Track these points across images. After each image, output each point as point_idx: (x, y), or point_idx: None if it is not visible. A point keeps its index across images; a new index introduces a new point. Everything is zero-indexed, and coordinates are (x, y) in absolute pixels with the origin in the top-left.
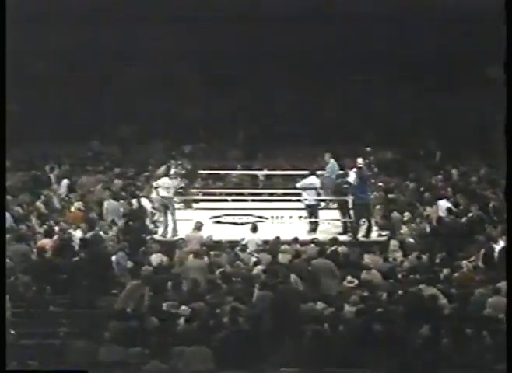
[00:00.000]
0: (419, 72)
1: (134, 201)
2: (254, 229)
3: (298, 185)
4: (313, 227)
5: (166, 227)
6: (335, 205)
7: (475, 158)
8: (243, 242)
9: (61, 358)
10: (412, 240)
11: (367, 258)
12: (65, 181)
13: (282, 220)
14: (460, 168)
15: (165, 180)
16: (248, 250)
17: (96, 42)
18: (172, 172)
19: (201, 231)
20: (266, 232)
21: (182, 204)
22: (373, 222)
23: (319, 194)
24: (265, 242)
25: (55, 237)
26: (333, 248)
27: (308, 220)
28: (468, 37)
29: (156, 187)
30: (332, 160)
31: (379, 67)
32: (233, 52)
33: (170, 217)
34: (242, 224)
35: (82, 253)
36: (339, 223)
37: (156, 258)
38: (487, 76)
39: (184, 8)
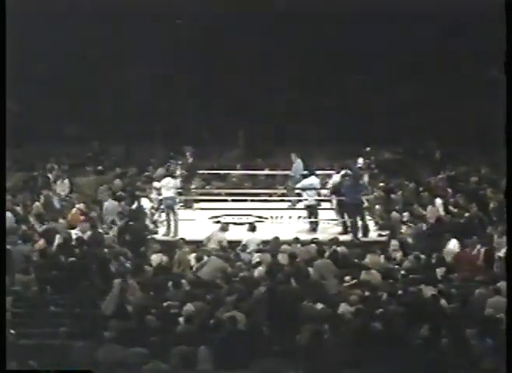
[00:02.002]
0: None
1: (138, 201)
2: (253, 229)
3: (298, 185)
4: (313, 227)
5: (168, 227)
6: (330, 205)
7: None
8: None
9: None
10: (410, 240)
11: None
12: (66, 181)
13: (282, 220)
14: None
15: (169, 180)
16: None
17: (97, 41)
18: (175, 172)
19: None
20: (266, 232)
21: (182, 204)
22: (371, 222)
23: (319, 194)
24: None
25: (56, 237)
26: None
27: (307, 220)
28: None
29: (159, 188)
30: (298, 160)
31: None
32: (232, 51)
33: (171, 216)
34: (241, 224)
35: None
36: (334, 223)
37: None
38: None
39: (185, 6)
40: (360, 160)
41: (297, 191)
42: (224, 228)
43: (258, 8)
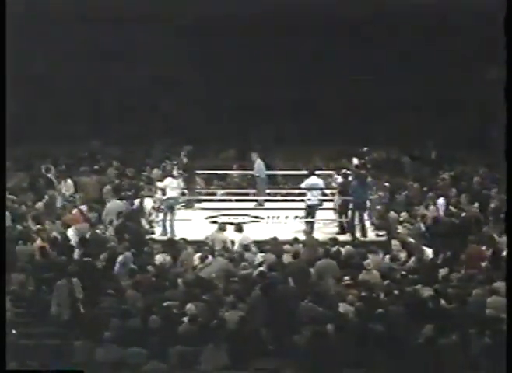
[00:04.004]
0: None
1: (138, 201)
2: (239, 230)
3: (302, 185)
4: (311, 227)
5: (164, 227)
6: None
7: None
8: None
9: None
10: (411, 240)
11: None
12: (67, 181)
13: (278, 220)
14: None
15: (172, 180)
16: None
17: (96, 41)
18: (175, 172)
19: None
20: (262, 232)
21: (182, 204)
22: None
23: (324, 194)
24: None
25: (56, 237)
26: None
27: (304, 220)
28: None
29: (163, 188)
30: (259, 160)
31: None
32: (232, 52)
33: (168, 216)
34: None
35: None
36: (328, 223)
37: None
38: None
39: (182, 7)
40: (355, 160)
41: (302, 191)
42: (222, 228)
43: (258, 8)
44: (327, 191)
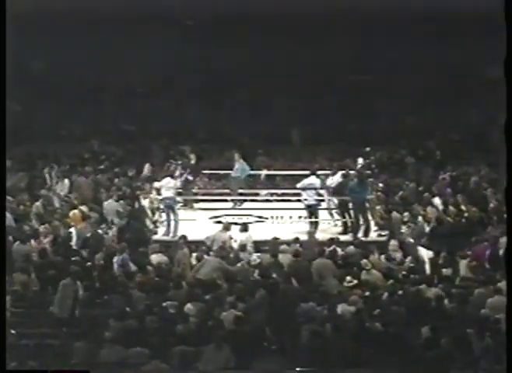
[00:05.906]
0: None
1: (138, 201)
2: (245, 229)
3: (298, 185)
4: (314, 227)
5: (169, 227)
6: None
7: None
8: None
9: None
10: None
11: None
12: (66, 181)
13: (282, 220)
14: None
15: (169, 180)
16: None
17: (97, 41)
18: (176, 172)
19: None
20: (266, 232)
21: (182, 204)
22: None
23: (319, 194)
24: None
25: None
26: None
27: (308, 220)
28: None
29: (159, 188)
30: (241, 160)
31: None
32: (232, 52)
33: (172, 216)
34: (242, 224)
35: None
36: (333, 223)
37: None
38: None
39: (184, 8)
40: (360, 160)
41: (298, 191)
42: (227, 227)
43: (258, 8)
44: (323, 191)
